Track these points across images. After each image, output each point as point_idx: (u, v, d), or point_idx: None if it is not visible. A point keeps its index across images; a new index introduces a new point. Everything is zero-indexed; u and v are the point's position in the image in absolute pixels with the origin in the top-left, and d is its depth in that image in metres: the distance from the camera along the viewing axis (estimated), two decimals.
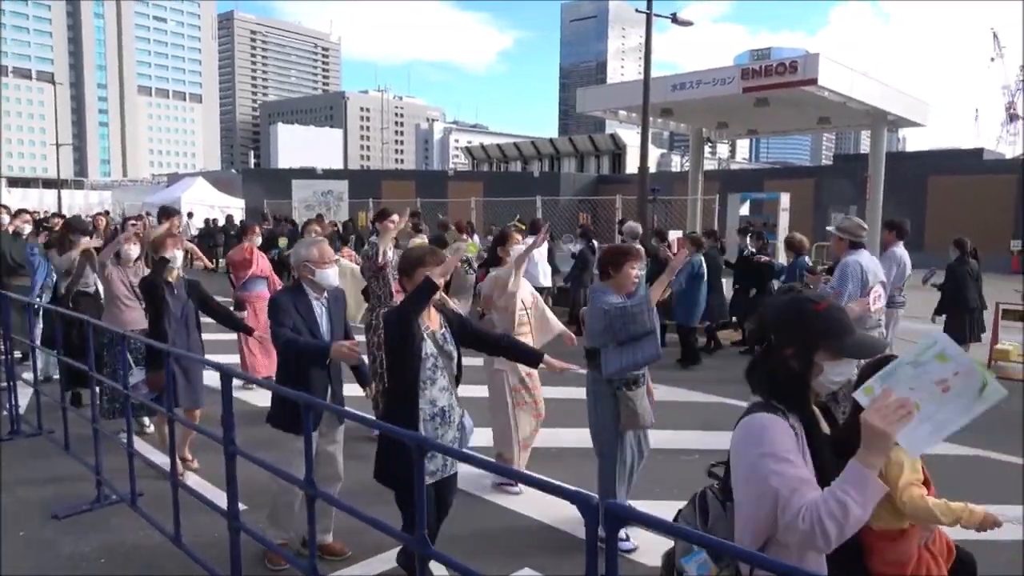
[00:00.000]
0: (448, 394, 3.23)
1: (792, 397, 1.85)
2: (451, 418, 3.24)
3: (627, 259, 4.00)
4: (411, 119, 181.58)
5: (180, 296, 4.91)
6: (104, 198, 41.58)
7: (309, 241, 4.02)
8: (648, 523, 1.60)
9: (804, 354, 1.84)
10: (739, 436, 1.83)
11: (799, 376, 1.85)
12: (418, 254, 3.35)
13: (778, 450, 1.72)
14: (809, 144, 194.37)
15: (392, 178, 40.62)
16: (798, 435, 1.79)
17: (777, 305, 1.97)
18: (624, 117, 17.52)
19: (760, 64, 14.31)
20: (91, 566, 3.79)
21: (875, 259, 5.74)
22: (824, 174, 30.24)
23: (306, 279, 3.78)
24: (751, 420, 1.82)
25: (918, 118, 16.09)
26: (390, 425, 2.55)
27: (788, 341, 1.87)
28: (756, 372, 1.93)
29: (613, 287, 4.00)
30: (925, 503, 1.98)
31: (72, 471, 4.85)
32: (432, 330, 3.24)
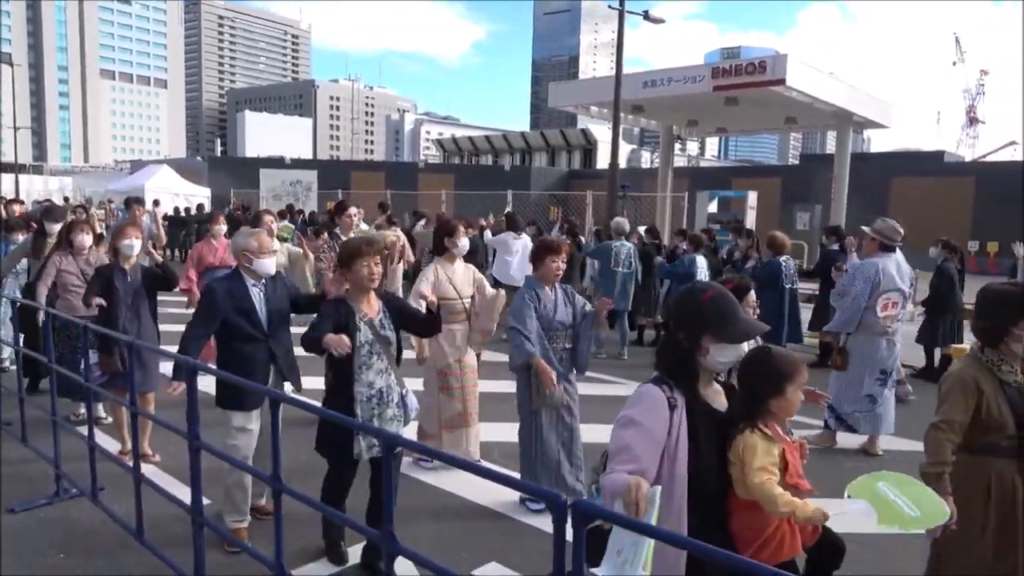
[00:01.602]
0: (385, 375, 3.49)
1: (679, 374, 2.16)
2: (389, 398, 3.51)
3: (548, 253, 4.27)
4: (382, 110, 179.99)
5: (133, 282, 4.98)
6: (64, 184, 40.47)
7: (249, 231, 4.11)
8: (615, 522, 1.62)
9: (691, 337, 2.14)
10: (628, 399, 2.17)
11: (687, 356, 2.15)
12: (355, 245, 3.50)
13: (636, 416, 2.06)
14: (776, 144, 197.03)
15: (362, 169, 40.26)
16: (677, 406, 2.09)
17: (679, 294, 2.31)
18: (596, 113, 17.61)
19: (730, 63, 14.50)
20: (50, 561, 3.71)
21: (904, 266, 5.69)
22: (791, 173, 30.72)
23: (244, 267, 3.90)
24: (640, 388, 2.18)
25: (882, 119, 16.44)
26: (328, 411, 2.88)
27: (679, 326, 2.19)
28: (658, 352, 2.27)
29: (539, 279, 4.33)
30: (767, 490, 2.09)
31: (30, 464, 4.74)
32: (369, 317, 3.48)
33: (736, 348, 2.14)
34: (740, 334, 2.15)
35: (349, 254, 3.45)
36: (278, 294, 4.00)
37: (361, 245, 3.47)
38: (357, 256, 3.42)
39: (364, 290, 3.51)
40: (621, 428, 2.06)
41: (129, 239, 4.98)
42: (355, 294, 3.52)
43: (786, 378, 2.20)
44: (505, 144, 44.31)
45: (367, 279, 3.45)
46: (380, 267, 3.46)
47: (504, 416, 6.23)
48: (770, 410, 2.20)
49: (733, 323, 2.13)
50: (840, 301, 5.80)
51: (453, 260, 5.04)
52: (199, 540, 2.97)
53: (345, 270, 3.46)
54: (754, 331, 2.25)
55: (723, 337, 2.11)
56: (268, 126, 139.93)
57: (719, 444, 2.17)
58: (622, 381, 7.81)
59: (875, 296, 5.54)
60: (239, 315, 3.79)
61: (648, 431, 2.03)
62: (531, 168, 37.48)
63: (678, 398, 2.10)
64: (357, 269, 3.43)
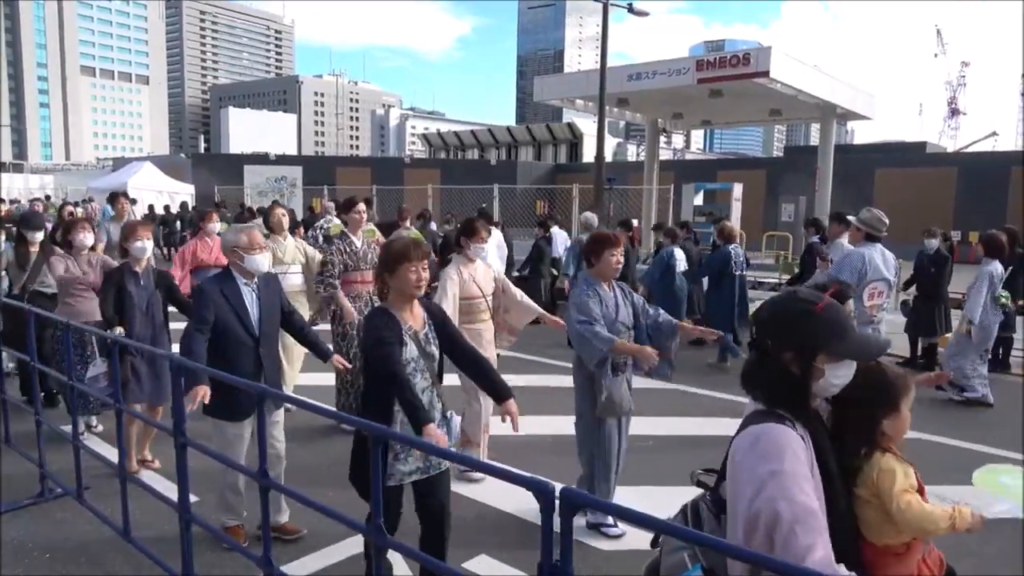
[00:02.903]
0: (428, 394, 3.02)
1: (795, 404, 1.74)
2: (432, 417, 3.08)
3: (606, 247, 3.88)
4: (367, 105, 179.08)
5: (147, 287, 4.68)
6: (46, 182, 40.07)
7: (239, 227, 3.99)
8: (604, 509, 1.63)
9: (804, 358, 1.74)
10: (745, 447, 1.68)
11: (800, 381, 1.75)
12: (401, 247, 3.00)
13: (789, 470, 1.59)
14: (761, 136, 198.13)
15: (347, 165, 40.03)
16: (807, 446, 1.69)
17: (773, 305, 1.85)
18: (581, 106, 17.61)
19: (715, 56, 14.53)
20: (36, 562, 3.68)
21: (888, 255, 5.75)
22: (775, 165, 30.88)
23: (235, 265, 3.75)
24: (763, 431, 1.67)
25: (865, 111, 16.55)
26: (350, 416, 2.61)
27: (786, 344, 1.76)
28: (754, 377, 1.81)
29: (597, 276, 3.93)
30: (922, 509, 1.85)
31: (14, 465, 4.69)
32: (415, 330, 3.01)
33: (852, 367, 1.79)
34: (862, 349, 1.80)
35: (394, 257, 2.97)
36: (271, 295, 3.84)
37: (408, 247, 2.99)
38: (403, 259, 2.95)
39: (408, 298, 3.02)
40: (780, 488, 1.57)
41: (140, 240, 4.65)
42: (398, 302, 3.02)
43: (900, 393, 1.92)
44: (491, 138, 44.26)
45: (413, 286, 2.97)
46: (427, 272, 3.05)
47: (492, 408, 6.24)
48: (884, 431, 1.91)
49: (851, 336, 1.77)
50: None
51: (473, 259, 4.93)
52: (187, 537, 2.95)
53: (388, 274, 2.99)
54: (877, 345, 1.85)
55: (842, 353, 1.75)
56: (252, 122, 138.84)
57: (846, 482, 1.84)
58: None
59: (861, 285, 5.58)
60: (230, 316, 3.65)
61: (808, 480, 1.62)
62: (517, 162, 37.47)
63: (804, 435, 1.71)
64: (402, 274, 2.95)
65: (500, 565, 3.65)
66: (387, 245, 3.13)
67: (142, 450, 4.91)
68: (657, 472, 4.82)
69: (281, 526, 3.90)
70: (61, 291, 5.22)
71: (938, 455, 5.44)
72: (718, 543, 1.52)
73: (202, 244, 6.66)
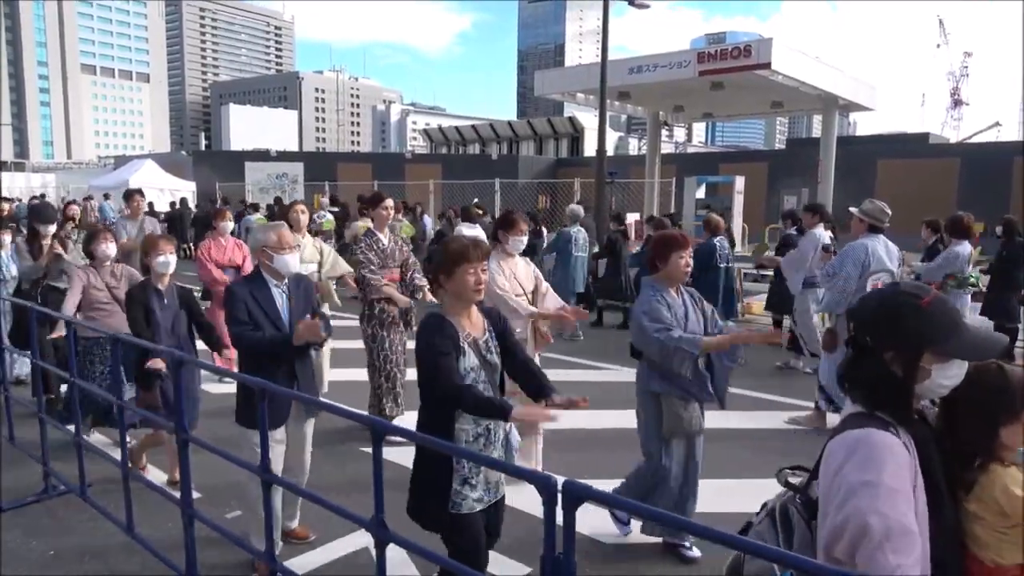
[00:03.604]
0: None
1: (897, 407, 1.62)
2: (496, 436, 2.79)
3: (673, 248, 3.55)
4: (367, 101, 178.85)
5: (171, 306, 4.41)
6: (48, 181, 40.06)
7: (267, 225, 3.74)
8: (609, 503, 1.61)
9: (909, 358, 1.61)
10: (843, 452, 1.57)
11: (903, 383, 1.62)
12: (459, 248, 2.73)
13: (888, 483, 1.48)
14: (763, 128, 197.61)
15: (349, 161, 39.98)
16: (911, 454, 1.56)
17: (873, 301, 1.72)
18: (582, 100, 17.57)
19: (716, 48, 14.48)
20: (40, 559, 3.69)
21: (891, 247, 5.74)
22: (777, 158, 30.77)
23: (264, 265, 3.54)
24: (863, 438, 1.56)
25: (867, 102, 16.49)
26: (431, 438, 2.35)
27: (889, 343, 1.63)
28: (852, 378, 1.69)
29: (664, 281, 3.59)
30: None
31: (17, 463, 4.69)
32: (474, 337, 2.75)
33: (962, 366, 1.65)
34: (974, 347, 1.63)
35: (451, 258, 2.71)
36: (303, 296, 3.64)
37: (467, 247, 2.72)
38: (461, 260, 2.68)
39: (467, 303, 2.76)
40: (874, 500, 1.46)
41: (164, 255, 4.36)
42: (455, 308, 2.75)
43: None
44: (492, 133, 44.14)
45: (473, 289, 2.71)
46: (487, 274, 2.83)
47: None
48: (1003, 441, 1.70)
49: (962, 333, 1.62)
50: (829, 282, 5.82)
51: (512, 253, 4.68)
52: (190, 533, 2.95)
53: (445, 277, 2.73)
54: (991, 343, 1.67)
55: (951, 352, 1.61)
56: (253, 119, 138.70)
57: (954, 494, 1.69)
58: (595, 364, 7.88)
59: (865, 277, 5.56)
60: (262, 321, 3.43)
61: (908, 497, 1.50)
62: (518, 157, 37.39)
63: (908, 442, 1.58)
64: (460, 277, 2.68)
65: (504, 559, 3.64)
66: (444, 245, 2.84)
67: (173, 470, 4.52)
68: None
69: (291, 531, 3.84)
70: (85, 306, 4.88)
71: None
72: (804, 563, 1.35)
73: (216, 244, 6.45)
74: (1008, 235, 8.19)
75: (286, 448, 3.59)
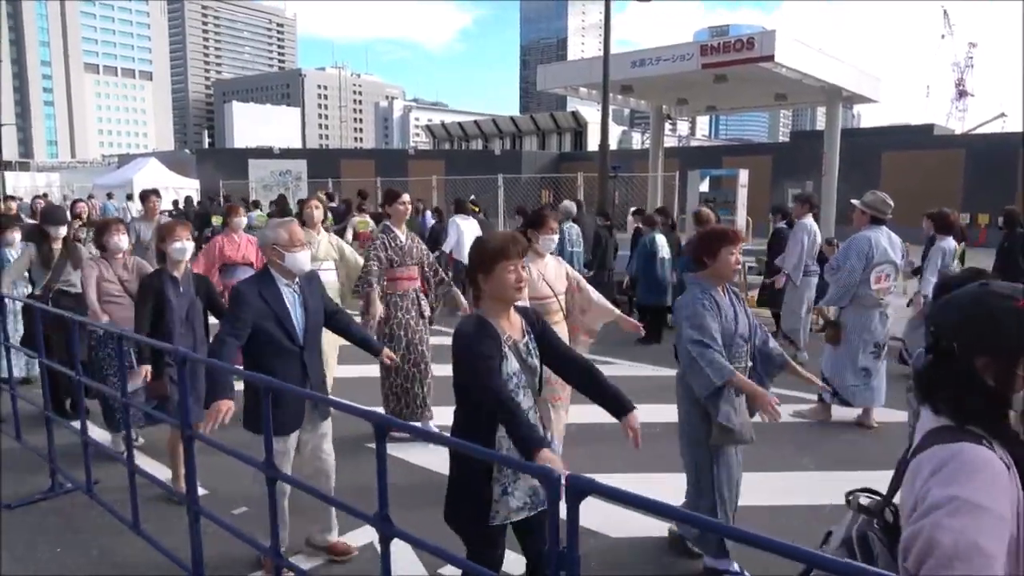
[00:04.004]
0: (531, 414, 2.58)
1: (990, 419, 1.46)
2: None
3: (723, 243, 3.32)
4: (370, 97, 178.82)
5: (187, 293, 4.29)
6: (52, 180, 40.19)
7: (278, 222, 3.60)
8: (614, 496, 1.61)
9: (1004, 366, 1.45)
10: (930, 467, 1.42)
11: (997, 393, 1.45)
12: (498, 244, 2.56)
13: (974, 496, 1.33)
14: (767, 121, 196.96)
15: (352, 157, 40.04)
16: (1012, 474, 1.40)
17: (960, 303, 1.55)
18: (585, 94, 17.51)
19: (719, 41, 14.40)
20: (47, 555, 3.70)
21: (894, 238, 5.75)
22: (781, 151, 30.70)
23: (274, 264, 3.40)
24: (955, 453, 1.40)
25: (872, 94, 16.40)
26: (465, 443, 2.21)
27: (981, 350, 1.47)
28: (935, 387, 1.53)
29: (710, 279, 3.37)
30: None
31: (24, 460, 4.72)
32: (514, 340, 2.58)
33: None
34: None
35: (489, 255, 2.53)
36: (314, 296, 3.50)
37: (506, 243, 2.54)
38: (500, 257, 2.51)
39: (506, 303, 2.58)
40: (951, 516, 1.31)
41: (180, 241, 4.21)
42: (493, 309, 2.58)
43: None
44: (495, 129, 44.11)
45: (513, 288, 2.54)
46: (527, 271, 2.68)
47: None
48: None
49: None
50: (834, 276, 5.81)
51: (542, 254, 4.45)
52: (195, 529, 2.96)
53: (482, 275, 2.55)
54: None
55: None
56: (256, 116, 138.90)
57: None
58: (603, 359, 7.84)
59: (868, 269, 5.55)
60: (271, 322, 3.30)
61: (999, 518, 1.33)
62: (521, 152, 37.36)
63: (1005, 458, 1.42)
64: (499, 275, 2.50)
65: (508, 553, 3.64)
66: (481, 242, 2.65)
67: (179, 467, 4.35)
68: (666, 459, 4.81)
69: (331, 545, 3.63)
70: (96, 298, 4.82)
71: None
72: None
73: (229, 240, 6.30)
74: (1009, 226, 8.18)
75: (302, 452, 3.49)
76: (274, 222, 3.66)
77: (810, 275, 7.96)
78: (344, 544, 3.64)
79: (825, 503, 4.29)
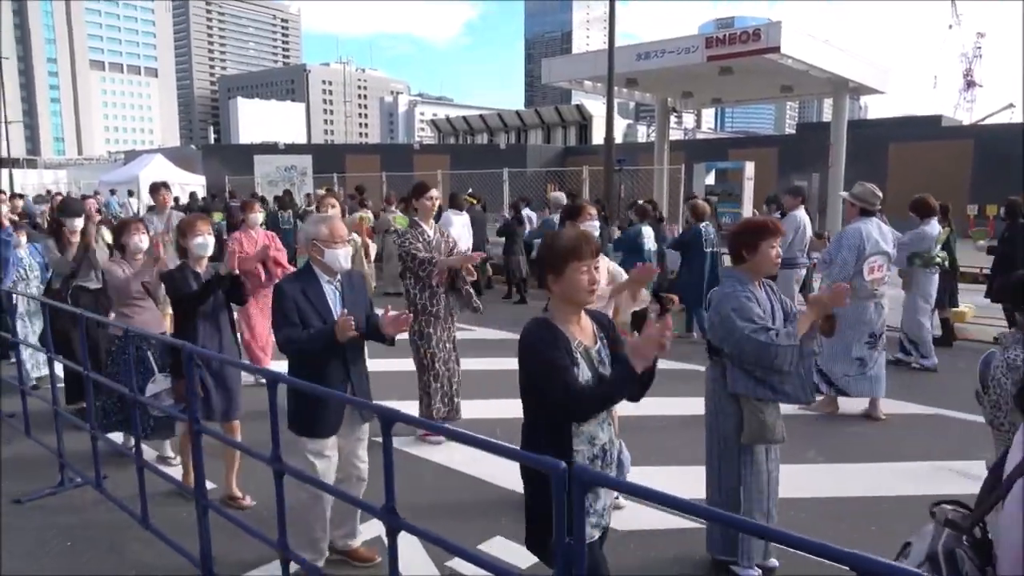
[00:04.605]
0: (607, 425, 2.43)
1: None
2: (611, 456, 2.46)
3: (763, 237, 3.22)
4: (375, 92, 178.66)
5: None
6: (59, 177, 40.33)
7: (318, 217, 3.50)
8: (619, 489, 1.61)
9: None
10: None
11: None
12: (569, 243, 2.37)
13: None
14: (773, 113, 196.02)
15: (357, 152, 40.07)
16: None
17: None
18: (590, 87, 17.46)
19: (724, 33, 14.34)
20: (57, 549, 3.73)
21: (885, 228, 5.76)
22: (787, 143, 30.56)
23: (315, 260, 3.34)
24: None
25: (878, 85, 16.29)
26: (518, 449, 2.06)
27: None
28: None
29: (749, 272, 3.29)
30: None
31: (34, 456, 4.75)
32: (586, 347, 2.39)
33: None
34: None
35: (560, 254, 2.35)
36: (357, 293, 3.43)
37: (578, 241, 2.36)
38: (571, 257, 2.33)
39: (577, 306, 2.42)
40: None
41: (201, 236, 4.11)
42: (562, 312, 2.41)
43: None
44: (500, 123, 44.07)
45: (585, 291, 2.36)
46: (599, 273, 2.53)
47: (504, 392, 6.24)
48: None
49: None
50: (826, 269, 5.83)
51: None
52: (204, 523, 2.98)
53: (552, 274, 2.37)
54: None
55: None
56: (261, 112, 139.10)
57: None
58: None
59: (860, 261, 5.56)
60: (313, 319, 3.25)
61: None
62: (527, 146, 37.34)
63: None
64: (571, 276, 2.33)
65: (516, 547, 3.65)
66: (551, 240, 2.46)
67: (229, 484, 4.23)
68: (672, 451, 4.82)
69: (352, 550, 3.54)
70: (116, 300, 4.72)
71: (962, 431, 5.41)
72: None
73: (247, 236, 6.25)
74: (1010, 216, 8.15)
75: (340, 456, 3.41)
76: (315, 217, 3.54)
77: (797, 267, 8.05)
78: (367, 550, 3.56)
79: (831, 496, 4.30)
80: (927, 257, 7.04)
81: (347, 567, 3.46)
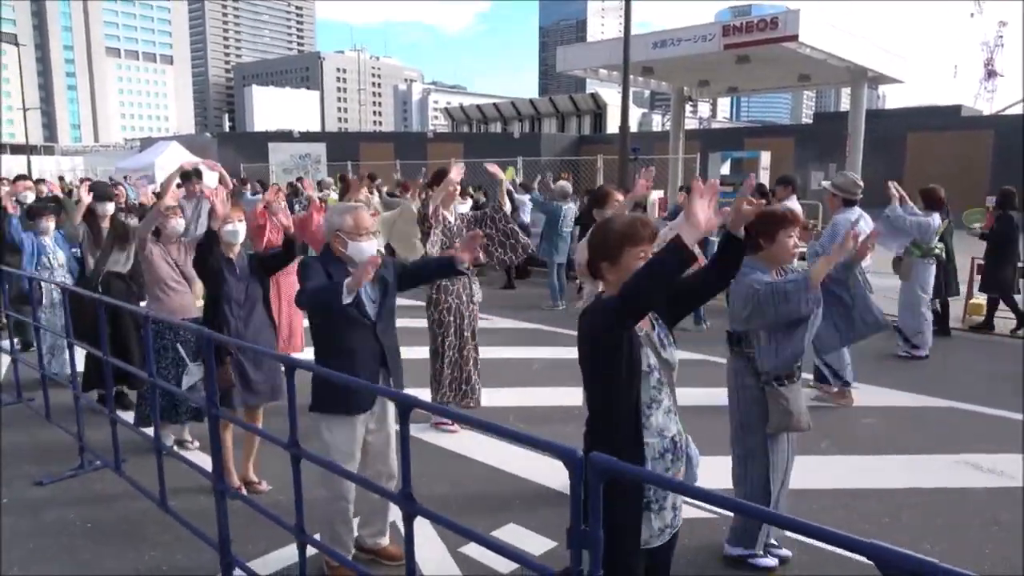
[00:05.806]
0: (675, 417, 2.32)
1: None
2: (681, 449, 2.33)
3: (781, 225, 3.21)
4: (388, 80, 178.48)
5: (243, 276, 4.07)
6: (76, 164, 40.66)
7: (343, 207, 3.36)
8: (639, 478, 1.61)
9: None
10: None
11: None
12: (625, 227, 2.26)
13: None
14: (790, 102, 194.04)
15: (371, 140, 40.14)
16: None
17: None
18: (605, 76, 17.37)
19: (741, 21, 14.21)
20: (76, 531, 3.79)
21: (867, 218, 5.74)
22: (804, 132, 30.31)
23: (337, 251, 3.20)
24: None
25: (898, 74, 16.08)
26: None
27: None
28: None
29: (765, 261, 3.27)
30: None
31: (54, 439, 4.83)
32: (645, 331, 2.27)
33: None
34: None
35: (615, 239, 2.25)
36: (384, 278, 3.25)
37: (635, 226, 2.26)
38: (627, 242, 2.24)
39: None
40: None
41: (232, 223, 4.04)
42: None
43: None
44: (514, 111, 43.90)
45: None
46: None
47: (518, 380, 6.26)
48: None
49: None
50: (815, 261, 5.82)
51: None
52: (222, 507, 3.01)
53: (606, 263, 2.27)
54: None
55: None
56: (275, 100, 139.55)
57: None
58: None
59: None
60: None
61: None
62: (541, 134, 37.18)
63: None
64: (627, 263, 2.22)
65: (529, 533, 3.68)
66: (606, 224, 2.35)
67: (246, 469, 4.23)
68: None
69: (381, 548, 3.45)
70: (152, 283, 4.65)
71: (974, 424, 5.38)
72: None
73: (271, 225, 6.08)
74: (1003, 207, 8.10)
75: (367, 451, 3.31)
76: (339, 207, 3.43)
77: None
78: (397, 549, 3.39)
79: (843, 487, 4.29)
80: (926, 248, 7.02)
81: (378, 566, 3.41)
